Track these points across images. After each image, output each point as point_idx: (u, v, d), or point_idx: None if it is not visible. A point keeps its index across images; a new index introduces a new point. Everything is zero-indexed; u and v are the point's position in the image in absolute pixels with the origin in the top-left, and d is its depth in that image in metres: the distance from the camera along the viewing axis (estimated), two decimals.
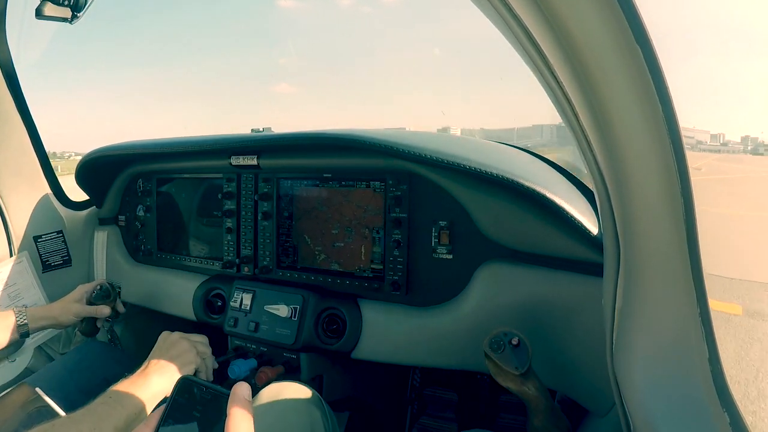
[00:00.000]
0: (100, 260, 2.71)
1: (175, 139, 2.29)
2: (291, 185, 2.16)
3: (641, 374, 0.96)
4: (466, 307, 1.79)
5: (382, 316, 1.93)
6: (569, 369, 1.64)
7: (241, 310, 2.14)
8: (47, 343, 2.51)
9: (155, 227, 2.61)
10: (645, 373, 0.95)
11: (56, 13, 1.87)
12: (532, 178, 1.56)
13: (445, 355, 1.83)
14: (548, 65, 0.88)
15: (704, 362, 0.83)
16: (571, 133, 1.03)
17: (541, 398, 1.44)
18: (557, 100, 0.98)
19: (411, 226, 1.91)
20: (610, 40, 0.72)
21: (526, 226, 1.67)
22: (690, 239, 0.81)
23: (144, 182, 2.63)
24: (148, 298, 2.53)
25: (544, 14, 0.74)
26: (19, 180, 2.44)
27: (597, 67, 0.77)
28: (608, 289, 1.11)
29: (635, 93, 0.75)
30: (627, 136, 0.81)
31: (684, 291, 0.84)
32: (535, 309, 1.67)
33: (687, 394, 0.85)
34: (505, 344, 1.41)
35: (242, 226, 2.29)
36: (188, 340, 1.76)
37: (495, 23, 0.96)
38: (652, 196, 0.83)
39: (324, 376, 2.16)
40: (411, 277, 1.93)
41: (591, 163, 1.00)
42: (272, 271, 2.23)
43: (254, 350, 2.15)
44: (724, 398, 0.80)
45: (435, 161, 1.63)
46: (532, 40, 0.85)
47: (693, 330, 0.84)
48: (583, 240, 1.54)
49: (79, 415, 1.29)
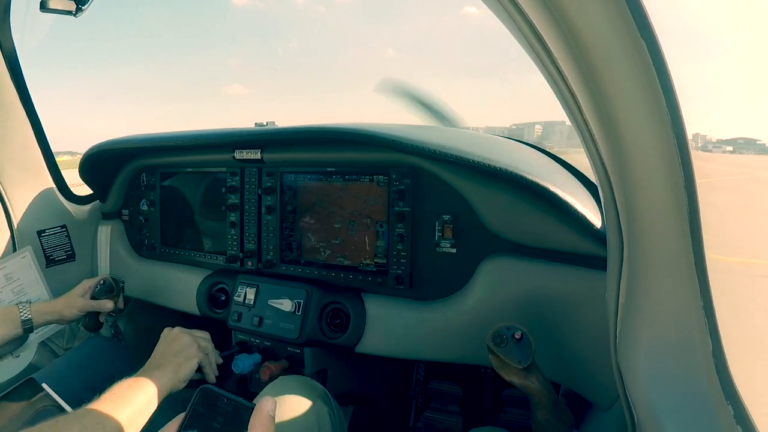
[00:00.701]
0: (103, 255, 2.71)
1: (178, 132, 2.28)
2: (294, 179, 2.16)
3: (645, 368, 0.96)
4: (469, 301, 1.79)
5: (386, 310, 1.94)
6: (573, 363, 1.64)
7: (244, 304, 2.14)
8: (51, 339, 2.51)
9: (159, 221, 2.61)
10: (649, 366, 0.95)
11: (61, 5, 1.87)
12: (535, 172, 1.56)
13: (449, 349, 1.84)
14: (553, 60, 0.88)
15: (708, 355, 0.83)
16: (575, 127, 1.03)
17: (544, 392, 1.44)
18: (561, 94, 0.98)
19: (414, 220, 1.91)
20: (614, 34, 0.72)
21: (529, 220, 1.66)
22: (693, 233, 0.81)
23: (147, 176, 2.63)
24: (152, 292, 2.54)
25: (549, 9, 0.74)
26: (23, 174, 2.44)
27: (601, 62, 0.77)
28: (612, 283, 1.11)
29: (639, 87, 0.75)
30: (631, 130, 0.81)
31: (687, 284, 0.84)
32: (539, 303, 1.67)
33: (691, 388, 0.85)
34: (508, 338, 1.41)
35: (246, 220, 2.29)
36: (190, 335, 1.77)
37: (500, 18, 0.96)
38: (655, 190, 0.83)
39: (328, 370, 2.16)
40: (414, 271, 1.93)
41: (595, 158, 1.00)
42: (276, 265, 2.23)
43: (258, 345, 2.15)
44: (728, 391, 0.80)
45: (438, 155, 1.63)
46: (537, 35, 0.85)
47: (696, 323, 0.84)
48: (587, 234, 1.54)
49: (83, 412, 1.29)
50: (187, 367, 1.67)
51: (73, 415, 1.29)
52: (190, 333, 1.79)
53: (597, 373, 1.55)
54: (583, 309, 1.58)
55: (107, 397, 1.37)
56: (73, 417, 1.28)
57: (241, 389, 2.28)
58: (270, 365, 1.98)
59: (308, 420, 1.56)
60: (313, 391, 1.67)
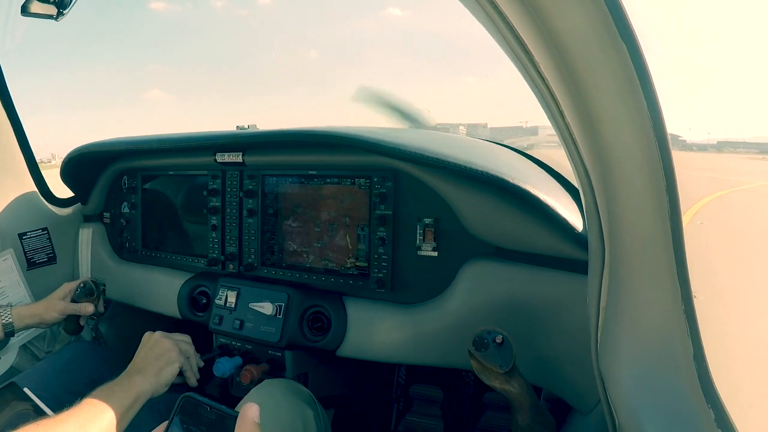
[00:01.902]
0: (84, 258, 2.69)
1: (160, 135, 2.27)
2: (276, 182, 2.15)
3: (626, 371, 0.96)
4: (450, 304, 1.79)
5: (367, 313, 1.93)
6: (554, 366, 1.64)
7: (226, 307, 2.13)
8: (32, 342, 2.49)
9: (140, 224, 2.60)
10: (630, 370, 0.95)
11: (42, 10, 1.86)
12: (516, 175, 1.56)
13: (430, 353, 1.83)
14: (534, 63, 0.88)
15: (689, 359, 0.83)
16: (557, 130, 1.03)
17: (525, 396, 1.44)
18: (543, 98, 0.98)
19: (396, 223, 1.90)
20: (595, 37, 0.72)
21: (510, 223, 1.66)
22: (675, 236, 0.81)
23: (129, 179, 2.62)
24: (133, 295, 2.52)
25: (529, 11, 0.74)
26: (4, 177, 2.42)
27: (582, 65, 0.77)
28: (593, 287, 1.11)
29: (620, 89, 0.75)
30: (612, 132, 0.81)
31: (669, 288, 0.85)
32: (520, 306, 1.67)
33: (672, 391, 0.85)
34: (489, 342, 1.41)
35: (227, 223, 2.28)
36: (170, 339, 1.77)
37: (481, 21, 0.95)
38: (637, 193, 0.83)
39: (309, 373, 2.15)
40: (396, 275, 1.93)
41: (576, 161, 1.00)
42: (257, 268, 2.22)
43: (239, 348, 2.15)
44: (710, 395, 0.80)
45: (419, 158, 1.63)
46: (518, 37, 0.85)
47: (678, 327, 0.84)
48: (568, 237, 1.54)
49: (64, 416, 1.31)
50: (169, 371, 1.68)
51: (54, 419, 1.30)
52: (171, 337, 1.79)
53: (578, 377, 1.55)
54: (565, 313, 1.58)
55: (89, 402, 1.39)
56: (54, 421, 1.28)
57: (223, 393, 2.27)
58: (251, 368, 1.98)
59: (294, 424, 1.56)
60: (298, 395, 1.68)
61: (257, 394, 1.65)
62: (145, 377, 1.58)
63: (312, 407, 1.65)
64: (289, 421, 1.56)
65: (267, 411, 1.57)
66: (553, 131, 1.07)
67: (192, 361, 1.83)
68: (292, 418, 1.57)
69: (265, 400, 1.61)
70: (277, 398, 1.62)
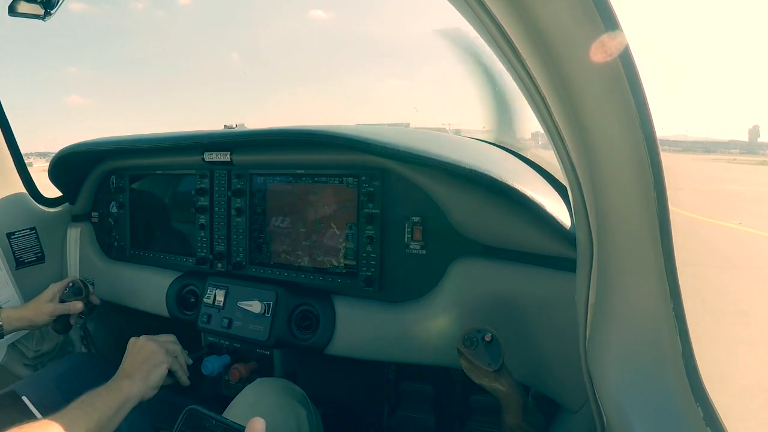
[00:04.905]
0: (73, 257, 2.68)
1: (148, 135, 2.26)
2: (264, 181, 2.15)
3: (615, 369, 0.96)
4: (439, 302, 1.79)
5: (356, 312, 1.93)
6: (543, 365, 1.64)
7: (214, 306, 2.13)
8: (21, 341, 2.48)
9: (128, 224, 2.59)
10: (618, 368, 0.95)
11: (29, 10, 1.86)
12: (504, 174, 1.56)
13: (419, 351, 1.83)
14: (523, 63, 0.88)
15: (677, 357, 0.83)
16: (545, 129, 1.03)
17: (513, 395, 1.44)
18: (532, 98, 0.98)
19: (384, 221, 1.91)
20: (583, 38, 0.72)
21: (498, 222, 1.66)
22: (663, 233, 0.81)
23: (117, 179, 2.61)
24: (122, 295, 2.51)
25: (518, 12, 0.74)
26: None
27: (571, 65, 0.77)
28: (581, 285, 1.11)
29: (609, 90, 0.75)
30: (601, 132, 0.81)
31: (657, 286, 0.85)
32: (509, 305, 1.67)
33: (660, 389, 0.85)
34: (478, 341, 1.41)
35: (215, 222, 2.28)
36: (155, 342, 1.78)
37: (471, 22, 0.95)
38: (625, 190, 0.83)
39: (298, 372, 2.15)
40: (384, 273, 1.93)
41: (565, 160, 1.00)
42: (245, 267, 2.22)
43: (227, 346, 2.15)
44: (698, 393, 0.81)
45: (407, 157, 1.63)
46: (508, 39, 0.85)
47: (666, 325, 0.84)
48: (557, 235, 1.54)
49: (49, 420, 1.31)
50: (157, 373, 1.69)
51: (38, 423, 1.29)
52: (156, 339, 1.79)
53: (567, 375, 1.55)
54: (553, 311, 1.58)
55: (75, 406, 1.40)
56: (39, 425, 1.28)
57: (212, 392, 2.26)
58: (239, 367, 1.99)
59: (287, 422, 1.57)
60: (291, 394, 1.69)
61: (250, 393, 1.66)
62: (133, 381, 1.59)
63: (305, 406, 1.66)
64: (283, 419, 1.57)
65: (260, 410, 1.58)
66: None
67: (180, 360, 1.84)
68: (286, 416, 1.58)
69: (258, 399, 1.63)
70: (270, 397, 1.64)
